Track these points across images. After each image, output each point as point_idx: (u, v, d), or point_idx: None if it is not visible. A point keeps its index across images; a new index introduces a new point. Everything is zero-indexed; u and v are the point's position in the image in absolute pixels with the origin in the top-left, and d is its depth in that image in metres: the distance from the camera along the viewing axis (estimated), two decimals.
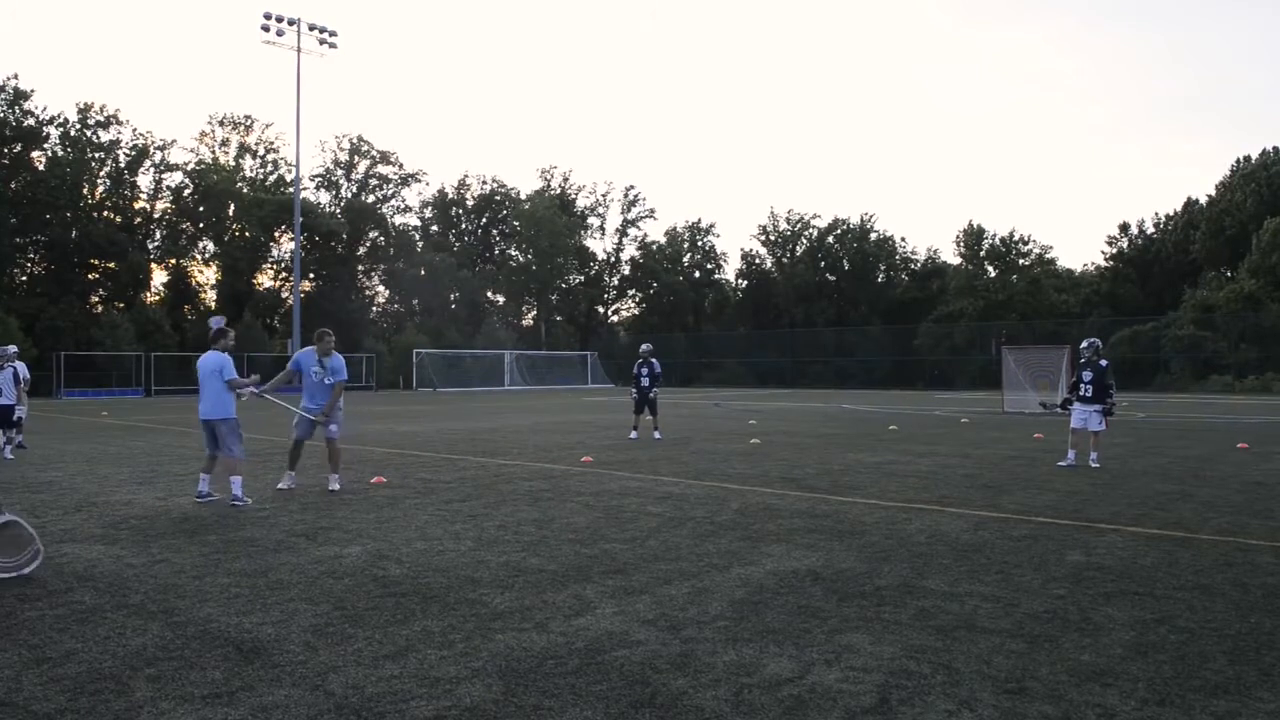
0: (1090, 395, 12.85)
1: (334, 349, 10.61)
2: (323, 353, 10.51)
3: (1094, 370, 12.91)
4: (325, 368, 10.48)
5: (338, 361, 10.53)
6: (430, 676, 4.27)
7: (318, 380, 10.50)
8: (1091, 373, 12.91)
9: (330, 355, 10.51)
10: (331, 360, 10.50)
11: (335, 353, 10.60)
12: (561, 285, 74.42)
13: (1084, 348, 13.17)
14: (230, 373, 9.64)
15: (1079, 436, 12.91)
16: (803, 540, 7.55)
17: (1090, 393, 12.86)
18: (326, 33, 47.49)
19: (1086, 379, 12.95)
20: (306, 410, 10.51)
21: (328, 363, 10.49)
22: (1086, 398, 12.88)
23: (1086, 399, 12.87)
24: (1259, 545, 7.33)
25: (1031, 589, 5.92)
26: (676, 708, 3.90)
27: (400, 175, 71.59)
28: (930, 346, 59.86)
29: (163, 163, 59.64)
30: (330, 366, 10.48)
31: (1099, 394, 12.82)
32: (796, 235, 73.82)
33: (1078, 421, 12.91)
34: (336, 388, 10.44)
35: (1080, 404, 12.95)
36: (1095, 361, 12.95)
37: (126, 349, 47.42)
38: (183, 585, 6.04)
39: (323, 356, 10.50)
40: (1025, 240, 63.74)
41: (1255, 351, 46.77)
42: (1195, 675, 4.31)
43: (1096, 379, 12.86)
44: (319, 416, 10.43)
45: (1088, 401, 12.84)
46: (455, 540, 7.54)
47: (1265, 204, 55.63)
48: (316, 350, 10.50)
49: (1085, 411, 12.85)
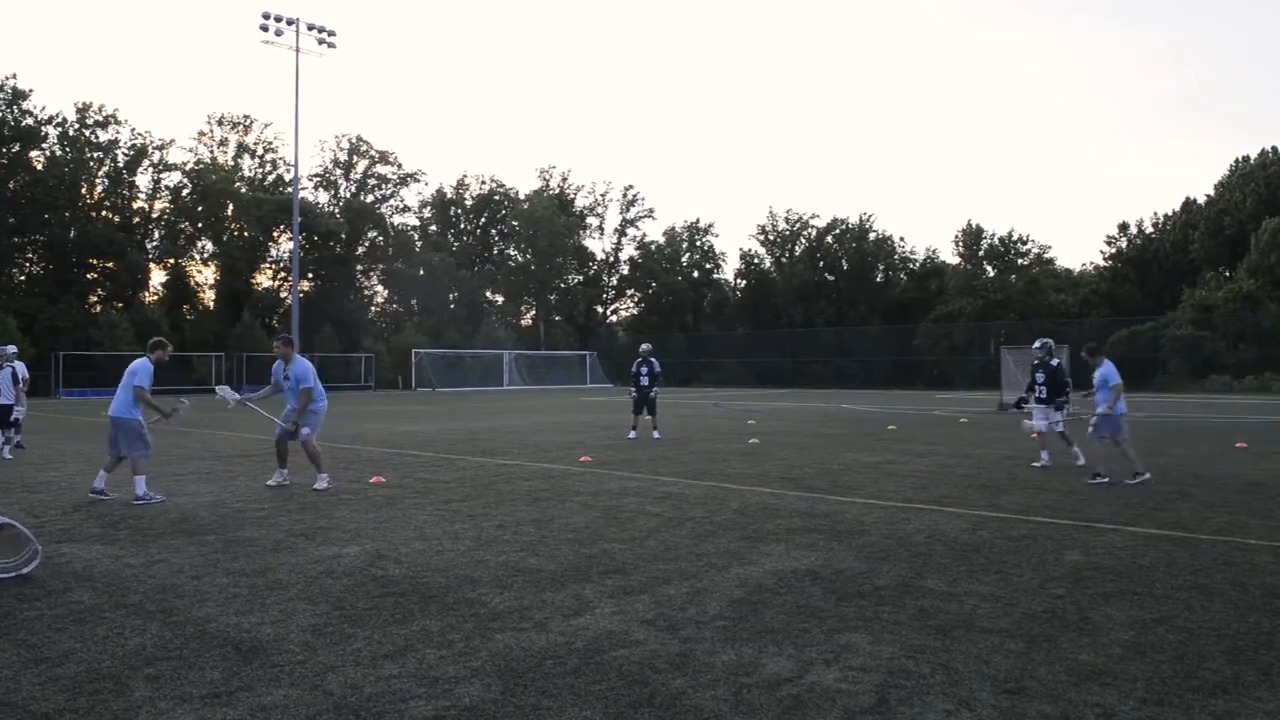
0: (1045, 396, 12.82)
1: (296, 355, 10.72)
2: (285, 360, 10.65)
3: (1046, 371, 12.89)
4: (290, 376, 10.59)
5: (300, 368, 10.60)
6: (429, 676, 4.27)
7: (290, 388, 10.65)
8: (1044, 373, 12.89)
9: (293, 362, 10.61)
10: (294, 367, 10.60)
11: (300, 358, 10.72)
12: (560, 285, 74.41)
13: (1036, 349, 13.12)
14: (142, 380, 9.74)
15: (1046, 438, 12.84)
16: (802, 540, 7.55)
17: (1045, 394, 12.82)
18: (325, 32, 47.47)
19: (1040, 380, 12.92)
20: (286, 418, 10.69)
21: (292, 370, 10.58)
22: (1041, 399, 12.85)
23: (1041, 400, 12.85)
24: (1257, 545, 7.33)
25: (1030, 589, 5.92)
26: (675, 707, 3.90)
27: (399, 175, 71.49)
28: (929, 346, 59.88)
29: (161, 162, 59.63)
30: (294, 374, 10.57)
31: (1052, 394, 12.79)
32: (795, 235, 73.87)
33: (1040, 423, 12.82)
34: (303, 395, 10.48)
35: (1038, 405, 12.89)
36: (1047, 362, 12.91)
37: (125, 349, 47.29)
38: (181, 585, 6.04)
39: (287, 365, 10.62)
40: (1024, 240, 63.87)
41: (1254, 351, 46.77)
42: (1194, 675, 4.31)
43: (1050, 379, 12.84)
44: (290, 425, 10.57)
45: (1042, 402, 12.83)
46: (454, 540, 7.54)
47: (1264, 204, 55.65)
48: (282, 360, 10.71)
49: (1043, 412, 12.81)
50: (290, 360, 10.63)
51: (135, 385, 9.71)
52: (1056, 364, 13.03)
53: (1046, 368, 12.92)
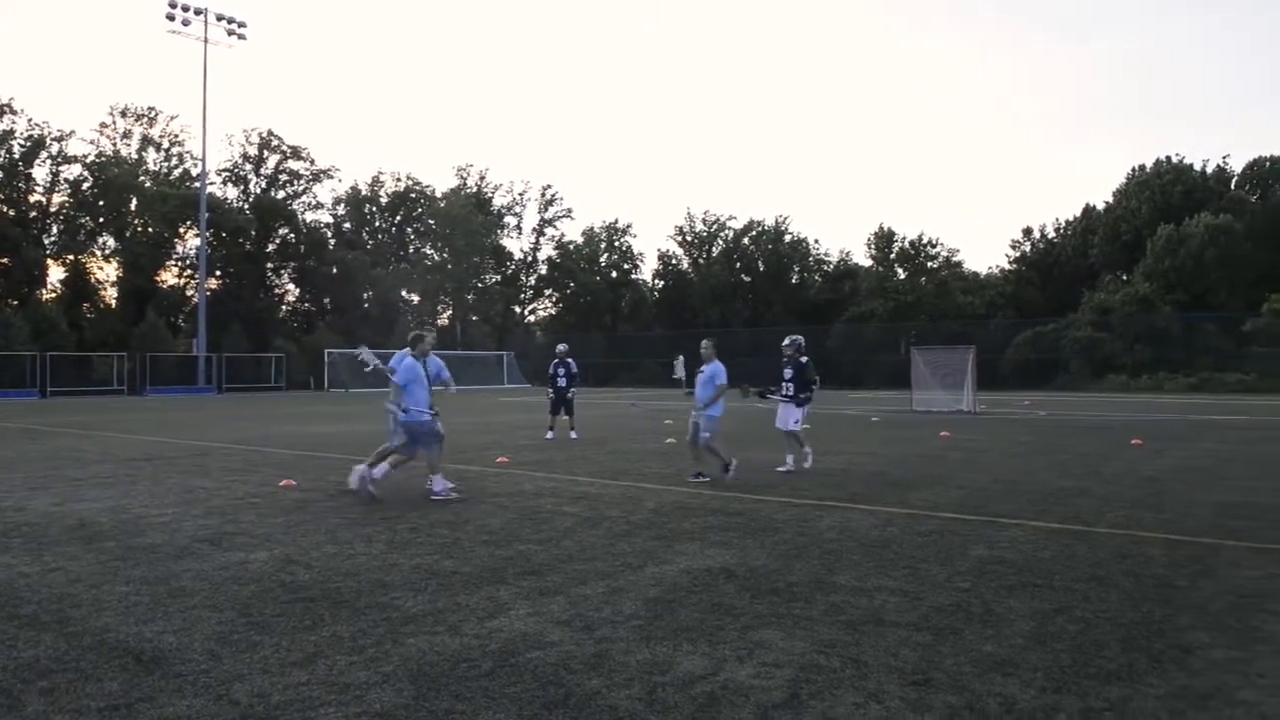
0: (791, 393, 12.45)
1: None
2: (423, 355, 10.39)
3: (794, 367, 12.48)
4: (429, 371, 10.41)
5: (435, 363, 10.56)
6: (339, 683, 4.20)
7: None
8: (792, 369, 12.48)
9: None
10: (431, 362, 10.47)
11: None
12: (478, 285, 73.70)
13: (785, 345, 12.69)
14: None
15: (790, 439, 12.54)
16: (716, 538, 7.62)
17: (791, 390, 12.45)
18: (235, 23, 46.31)
19: (788, 376, 12.51)
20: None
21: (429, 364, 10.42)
22: (787, 395, 12.49)
23: (788, 396, 12.48)
24: (1151, 538, 7.64)
25: (937, 583, 6.08)
26: (590, 708, 3.90)
27: (312, 171, 69.75)
28: (842, 346, 60.89)
29: (60, 154, 57.11)
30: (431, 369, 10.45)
31: (799, 391, 12.44)
32: (713, 236, 74.46)
33: (781, 422, 12.56)
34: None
35: (782, 402, 12.53)
36: (796, 359, 12.50)
37: (20, 349, 45.40)
38: (78, 594, 5.81)
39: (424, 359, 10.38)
40: (934, 243, 65.30)
41: (1149, 352, 48.71)
42: (1091, 663, 4.48)
43: (797, 376, 12.46)
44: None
45: (788, 398, 12.48)
46: (367, 544, 7.41)
47: (1158, 211, 58.14)
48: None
49: (785, 410, 12.50)
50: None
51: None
52: (805, 361, 12.57)
53: (795, 364, 12.48)
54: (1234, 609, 5.45)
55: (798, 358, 12.56)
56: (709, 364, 11.57)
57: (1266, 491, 10.29)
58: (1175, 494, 10.11)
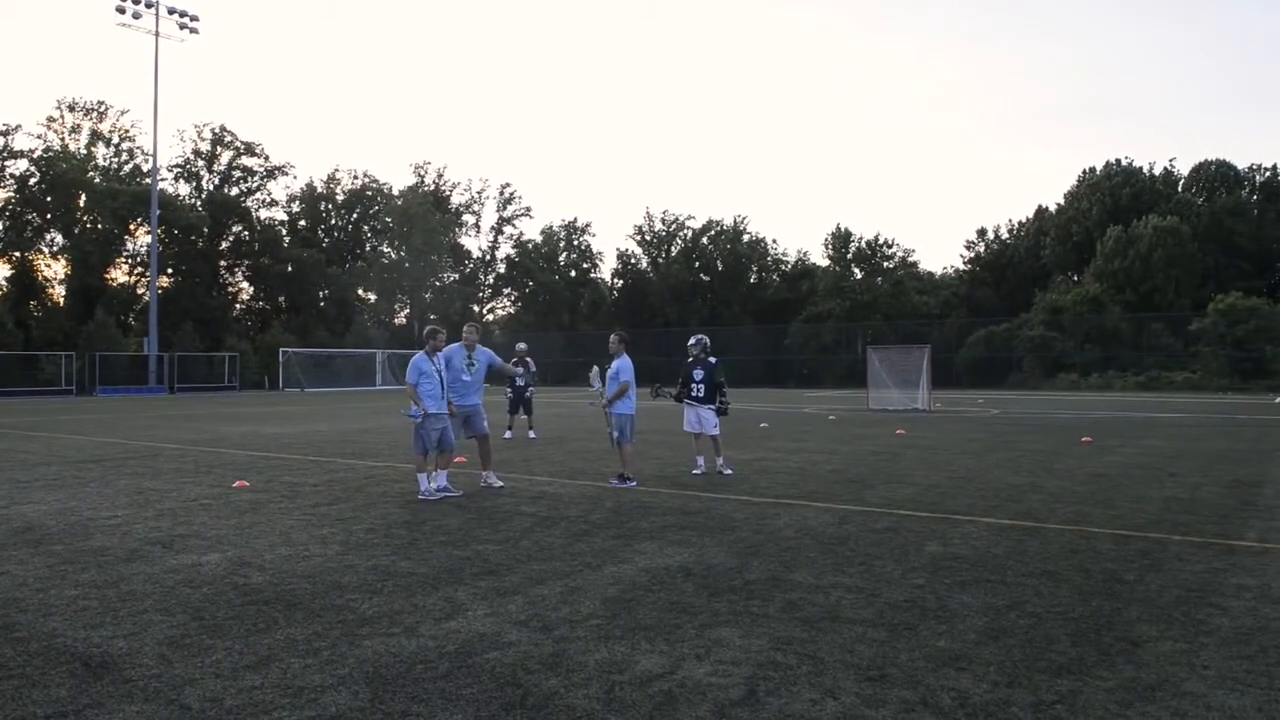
0: (702, 395, 11.89)
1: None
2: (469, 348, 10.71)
3: (705, 369, 11.96)
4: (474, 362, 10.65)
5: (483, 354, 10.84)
6: (294, 686, 4.15)
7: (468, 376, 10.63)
8: (703, 371, 11.96)
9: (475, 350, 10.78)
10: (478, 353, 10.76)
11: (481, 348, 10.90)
12: (435, 283, 73.22)
13: (691, 345, 12.07)
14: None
15: (701, 442, 12.08)
16: (674, 537, 7.64)
17: (702, 392, 11.89)
18: (187, 17, 45.59)
19: (698, 378, 11.95)
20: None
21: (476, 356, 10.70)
22: (699, 398, 11.91)
23: (699, 399, 11.92)
24: (1100, 533, 7.78)
25: (892, 579, 6.14)
26: (548, 708, 3.89)
27: (266, 168, 68.86)
28: (800, 346, 61.36)
29: (5, 149, 55.92)
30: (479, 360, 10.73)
31: (710, 393, 11.89)
32: (671, 236, 74.72)
33: (692, 425, 12.00)
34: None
35: (692, 404, 11.98)
36: (705, 359, 11.99)
37: None
38: (25, 599, 5.69)
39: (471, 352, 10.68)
40: (890, 244, 66.02)
41: (1098, 351, 49.70)
42: (1042, 657, 4.55)
43: (708, 378, 11.93)
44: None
45: (700, 402, 11.91)
46: (322, 545, 7.34)
47: (1108, 212, 59.34)
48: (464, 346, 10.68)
49: (698, 412, 11.94)
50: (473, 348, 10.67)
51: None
52: (715, 362, 12.07)
53: (705, 365, 11.98)
54: (1181, 602, 5.57)
55: (706, 359, 12.04)
56: (617, 359, 11.35)
57: (1211, 487, 10.52)
58: (1124, 490, 10.31)
